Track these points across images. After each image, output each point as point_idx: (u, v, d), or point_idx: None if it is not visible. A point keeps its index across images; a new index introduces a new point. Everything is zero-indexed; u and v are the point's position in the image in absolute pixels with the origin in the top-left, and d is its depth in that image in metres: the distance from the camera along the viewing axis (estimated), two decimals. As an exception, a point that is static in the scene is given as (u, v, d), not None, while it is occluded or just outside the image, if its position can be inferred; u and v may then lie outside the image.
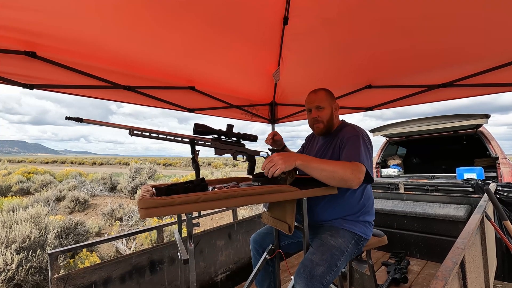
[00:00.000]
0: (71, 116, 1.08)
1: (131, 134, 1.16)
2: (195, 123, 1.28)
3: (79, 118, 1.09)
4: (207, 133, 1.30)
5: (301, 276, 1.18)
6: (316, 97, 1.52)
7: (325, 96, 1.51)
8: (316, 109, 1.51)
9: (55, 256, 1.48)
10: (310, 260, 1.22)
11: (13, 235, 4.53)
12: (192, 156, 1.27)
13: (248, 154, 1.46)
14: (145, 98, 2.25)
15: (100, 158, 64.72)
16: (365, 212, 1.46)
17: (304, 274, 1.18)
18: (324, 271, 1.19)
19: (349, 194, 1.43)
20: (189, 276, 1.03)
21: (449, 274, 0.82)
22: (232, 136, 1.38)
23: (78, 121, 1.09)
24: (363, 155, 1.28)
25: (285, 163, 1.16)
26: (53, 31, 1.51)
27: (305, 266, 1.21)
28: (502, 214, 1.90)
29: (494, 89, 2.00)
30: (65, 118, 1.08)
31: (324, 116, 1.50)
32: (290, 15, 1.71)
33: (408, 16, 1.59)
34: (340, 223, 1.41)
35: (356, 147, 1.32)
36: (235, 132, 1.38)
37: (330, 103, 1.51)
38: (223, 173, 18.06)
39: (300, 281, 1.18)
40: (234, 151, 1.39)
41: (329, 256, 1.24)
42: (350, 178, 1.18)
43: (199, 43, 1.87)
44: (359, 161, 1.25)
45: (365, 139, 1.39)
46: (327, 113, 1.50)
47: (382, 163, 5.19)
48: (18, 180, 12.85)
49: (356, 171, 1.20)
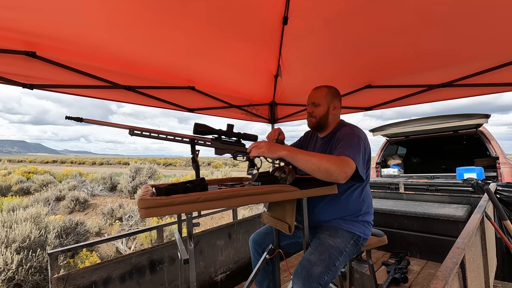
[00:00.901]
0: (71, 116, 1.08)
1: (131, 134, 1.16)
2: (195, 123, 1.28)
3: (79, 118, 1.09)
4: (207, 133, 1.30)
5: (299, 276, 1.18)
6: (315, 93, 1.55)
7: (324, 93, 1.53)
8: (312, 105, 1.54)
9: (55, 256, 1.48)
10: (308, 260, 1.23)
11: (13, 235, 4.53)
12: (192, 156, 1.27)
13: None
14: (145, 98, 2.25)
15: (100, 158, 64.76)
16: (364, 212, 1.46)
17: (301, 274, 1.18)
18: (322, 271, 1.19)
19: (348, 194, 1.43)
20: (189, 276, 1.03)
21: (449, 274, 0.82)
22: (233, 136, 1.38)
23: (78, 120, 1.09)
24: (354, 151, 1.26)
25: (269, 149, 1.21)
26: (53, 31, 1.51)
27: (303, 266, 1.21)
28: (502, 214, 1.90)
29: (493, 89, 2.00)
30: (65, 118, 1.08)
31: (318, 113, 1.52)
32: (290, 15, 1.71)
33: (407, 16, 1.59)
34: (339, 223, 1.41)
35: (349, 143, 1.31)
36: (235, 132, 1.38)
37: (327, 101, 1.52)
38: (223, 173, 18.06)
39: (298, 281, 1.18)
40: (234, 151, 1.38)
41: (327, 256, 1.24)
42: (335, 171, 1.16)
43: (198, 42, 1.87)
44: (348, 156, 1.22)
45: (361, 138, 1.37)
46: (321, 110, 1.52)
47: (382, 163, 5.19)
48: (18, 180, 12.85)
49: (343, 165, 1.18)
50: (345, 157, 1.22)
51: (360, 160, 1.27)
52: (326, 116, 1.52)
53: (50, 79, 1.76)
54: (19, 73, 1.66)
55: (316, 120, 1.53)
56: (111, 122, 1.17)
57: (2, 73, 1.60)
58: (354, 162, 1.21)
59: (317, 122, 1.54)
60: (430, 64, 2.04)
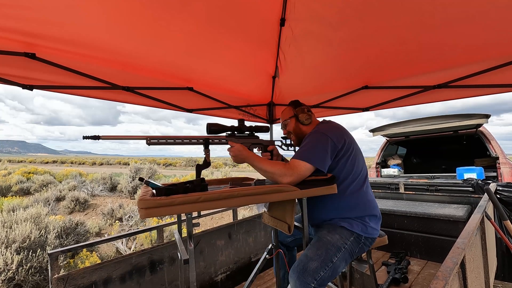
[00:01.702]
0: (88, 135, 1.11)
1: (148, 144, 1.17)
2: (208, 123, 1.30)
3: (97, 136, 1.11)
4: (221, 131, 1.33)
5: (294, 270, 1.21)
6: (281, 116, 1.66)
7: (287, 111, 1.63)
8: (284, 127, 1.66)
9: (55, 256, 1.48)
10: (305, 255, 1.25)
11: (13, 235, 4.53)
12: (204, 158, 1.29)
13: (264, 145, 1.51)
14: (144, 98, 2.26)
15: (100, 158, 64.73)
16: (365, 210, 1.46)
17: (297, 268, 1.21)
18: (318, 266, 1.20)
19: (347, 194, 1.43)
20: (189, 276, 1.03)
21: (450, 274, 0.82)
22: (245, 130, 1.41)
23: (95, 139, 1.10)
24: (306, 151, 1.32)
25: (235, 158, 1.36)
26: (53, 33, 1.52)
27: (300, 261, 1.23)
28: (502, 214, 1.90)
29: (489, 90, 2.02)
30: (83, 138, 1.10)
31: (291, 128, 1.62)
32: (287, 17, 1.72)
33: (403, 19, 1.59)
34: (337, 222, 1.42)
35: (304, 146, 1.37)
36: (247, 126, 1.42)
37: (291, 115, 1.60)
38: (223, 173, 18.06)
39: (293, 275, 1.20)
40: (250, 144, 1.43)
41: (324, 252, 1.25)
42: (280, 175, 1.25)
43: (197, 41, 1.87)
44: (295, 158, 1.32)
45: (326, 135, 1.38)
46: (291, 126, 1.61)
47: (382, 163, 5.19)
48: (18, 180, 12.85)
49: (288, 169, 1.27)
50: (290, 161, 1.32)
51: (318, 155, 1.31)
52: (298, 128, 1.59)
53: (49, 80, 1.76)
54: (19, 75, 1.66)
55: (294, 135, 1.62)
56: (128, 135, 1.18)
57: (2, 74, 1.61)
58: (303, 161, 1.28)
59: (296, 136, 1.61)
60: (426, 65, 2.06)
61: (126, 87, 2.08)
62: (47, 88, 1.81)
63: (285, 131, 1.65)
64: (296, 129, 1.58)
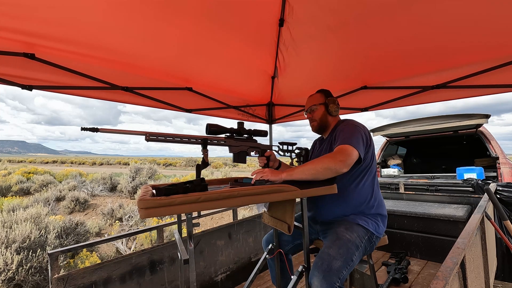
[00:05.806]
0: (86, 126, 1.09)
1: (147, 140, 1.17)
2: (207, 123, 1.30)
3: (95, 128, 1.09)
4: (220, 132, 1.33)
5: (319, 269, 1.18)
6: (309, 100, 1.66)
7: (317, 97, 1.63)
8: (310, 111, 1.64)
9: (55, 256, 1.48)
10: (327, 254, 1.23)
11: (13, 235, 4.53)
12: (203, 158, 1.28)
13: (262, 149, 1.51)
14: (143, 98, 2.26)
15: (100, 158, 64.73)
16: (376, 206, 1.46)
17: (322, 267, 1.18)
18: (341, 265, 1.20)
19: (359, 189, 1.44)
20: (189, 276, 1.03)
21: (450, 274, 0.82)
22: (244, 133, 1.42)
23: (93, 131, 1.09)
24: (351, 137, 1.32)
25: (272, 174, 1.25)
26: (52, 33, 1.52)
27: (323, 259, 1.21)
28: (502, 214, 1.90)
29: (487, 90, 2.02)
30: (81, 129, 1.08)
31: (317, 116, 1.62)
32: (286, 18, 1.72)
33: (402, 20, 1.60)
34: (353, 218, 1.42)
35: (344, 134, 1.38)
36: (246, 129, 1.42)
37: (322, 103, 1.60)
38: (223, 173, 18.06)
39: (318, 274, 1.17)
40: (248, 147, 1.42)
41: (345, 251, 1.25)
42: (331, 165, 1.23)
43: (196, 41, 1.87)
44: (342, 144, 1.30)
45: (358, 126, 1.43)
46: (319, 113, 1.61)
47: (382, 163, 5.19)
48: (18, 180, 12.85)
49: (336, 156, 1.25)
50: (338, 147, 1.29)
51: (360, 143, 1.32)
52: (325, 116, 1.60)
53: (49, 80, 1.76)
54: (18, 75, 1.66)
55: (317, 122, 1.62)
56: (127, 130, 1.16)
57: (1, 74, 1.61)
58: (351, 146, 1.27)
59: (319, 124, 1.62)
60: (424, 66, 2.07)
61: (125, 87, 2.08)
62: (46, 88, 1.82)
63: (309, 115, 1.65)
64: (322, 117, 1.60)
